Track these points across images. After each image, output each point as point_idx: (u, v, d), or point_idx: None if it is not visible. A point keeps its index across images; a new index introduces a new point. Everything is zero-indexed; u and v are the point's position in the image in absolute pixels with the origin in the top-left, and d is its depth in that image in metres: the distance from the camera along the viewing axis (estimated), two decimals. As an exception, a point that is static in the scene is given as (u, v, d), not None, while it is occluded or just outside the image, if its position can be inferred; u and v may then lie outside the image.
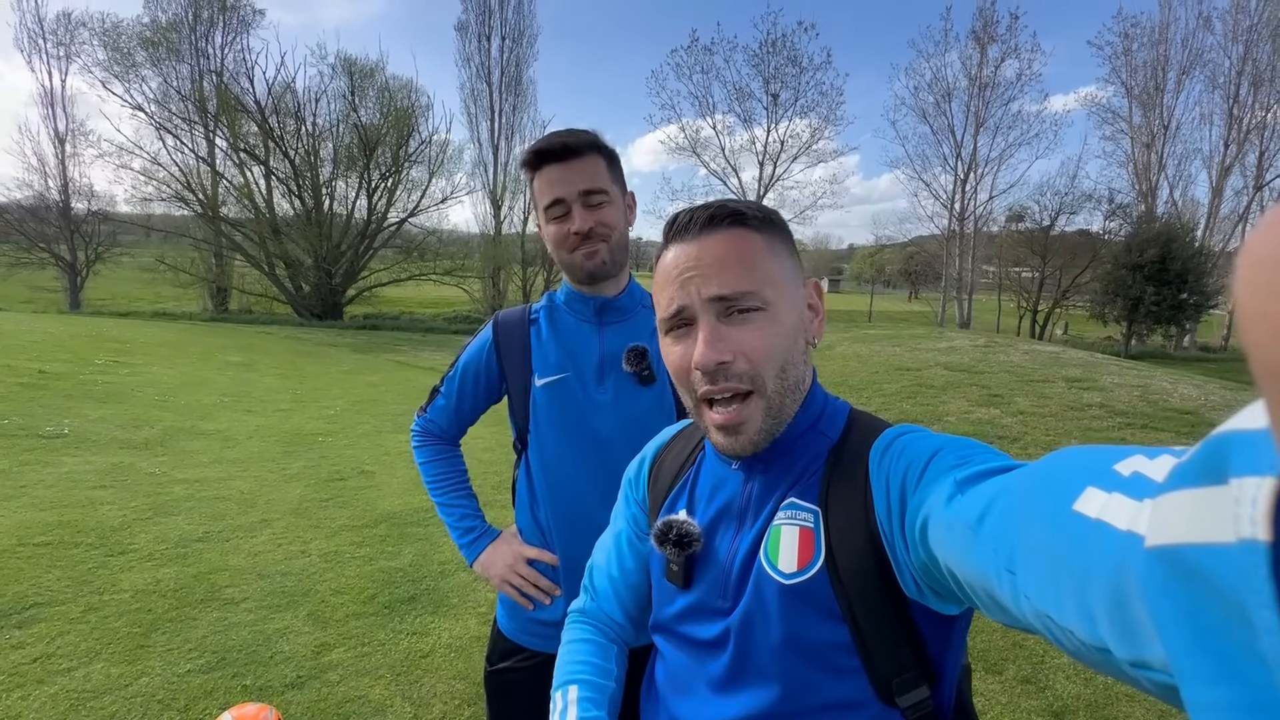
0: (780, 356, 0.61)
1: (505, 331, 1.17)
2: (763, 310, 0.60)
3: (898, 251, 55.45)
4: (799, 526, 0.62)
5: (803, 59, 25.73)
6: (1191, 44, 25.94)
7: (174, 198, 22.15)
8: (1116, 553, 0.28)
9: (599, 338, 1.13)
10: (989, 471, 0.46)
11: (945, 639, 0.60)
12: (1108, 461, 0.33)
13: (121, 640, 2.44)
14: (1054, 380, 7.12)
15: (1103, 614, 0.28)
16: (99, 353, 9.13)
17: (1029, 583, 0.34)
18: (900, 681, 0.59)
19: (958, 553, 0.43)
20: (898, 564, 0.56)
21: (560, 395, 1.11)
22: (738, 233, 0.62)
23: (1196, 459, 0.24)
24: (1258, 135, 25.25)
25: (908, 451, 0.57)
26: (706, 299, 0.60)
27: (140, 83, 21.84)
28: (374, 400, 7.93)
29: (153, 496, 3.96)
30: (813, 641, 0.60)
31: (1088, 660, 0.32)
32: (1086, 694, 2.32)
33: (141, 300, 23.74)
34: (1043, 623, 0.34)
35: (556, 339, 1.14)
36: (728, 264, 0.60)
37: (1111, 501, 0.30)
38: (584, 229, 1.05)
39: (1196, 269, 19.08)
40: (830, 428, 0.66)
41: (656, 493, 0.77)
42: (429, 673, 2.38)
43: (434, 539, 3.59)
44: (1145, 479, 0.29)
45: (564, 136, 1.06)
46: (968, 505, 0.43)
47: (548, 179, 1.06)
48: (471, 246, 26.45)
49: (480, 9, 25.49)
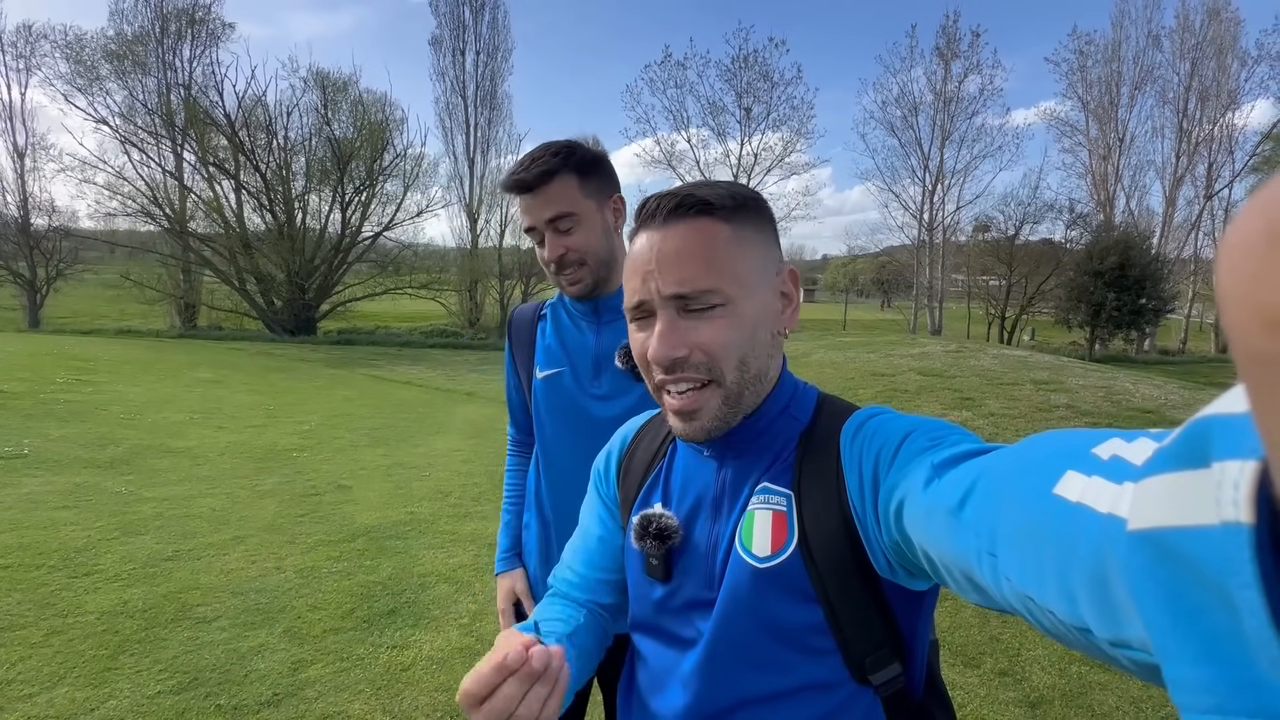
0: (739, 350, 0.61)
1: (517, 326, 1.25)
2: (722, 305, 0.60)
3: (870, 261, 56.49)
4: (772, 510, 0.62)
5: (774, 74, 26.28)
6: (1142, 61, 27.15)
7: (140, 213, 21.59)
8: (1097, 535, 0.28)
9: (596, 335, 1.17)
10: (965, 454, 0.46)
11: (915, 615, 0.62)
12: (1086, 445, 0.33)
13: (87, 663, 2.35)
14: (1023, 383, 7.32)
15: (1084, 595, 0.29)
16: (60, 371, 8.83)
17: (1010, 565, 0.35)
18: (873, 660, 0.60)
19: (936, 536, 0.44)
20: (869, 543, 0.56)
21: (557, 388, 1.16)
22: (702, 224, 0.60)
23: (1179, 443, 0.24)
24: (1206, 147, 26.46)
25: (880, 433, 0.58)
26: (664, 295, 0.60)
27: (105, 96, 21.33)
28: (349, 415, 7.80)
29: (119, 516, 3.83)
30: (788, 624, 0.60)
31: (1067, 640, 0.33)
32: (1061, 684, 2.38)
33: (105, 318, 23.01)
34: (1023, 604, 0.35)
35: (558, 335, 1.20)
36: (685, 260, 0.59)
37: (1091, 485, 0.30)
38: (554, 258, 1.09)
39: (1154, 275, 19.76)
40: (801, 411, 0.67)
41: (628, 487, 0.76)
42: (410, 686, 2.34)
43: (413, 552, 3.54)
44: (1124, 462, 0.30)
45: (530, 167, 1.07)
46: (946, 489, 0.43)
47: (523, 206, 1.10)
48: (448, 260, 26.24)
49: (454, 24, 25.54)
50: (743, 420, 0.65)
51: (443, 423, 7.51)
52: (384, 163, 23.79)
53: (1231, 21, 25.96)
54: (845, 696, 0.61)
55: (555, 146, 1.08)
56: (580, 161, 1.08)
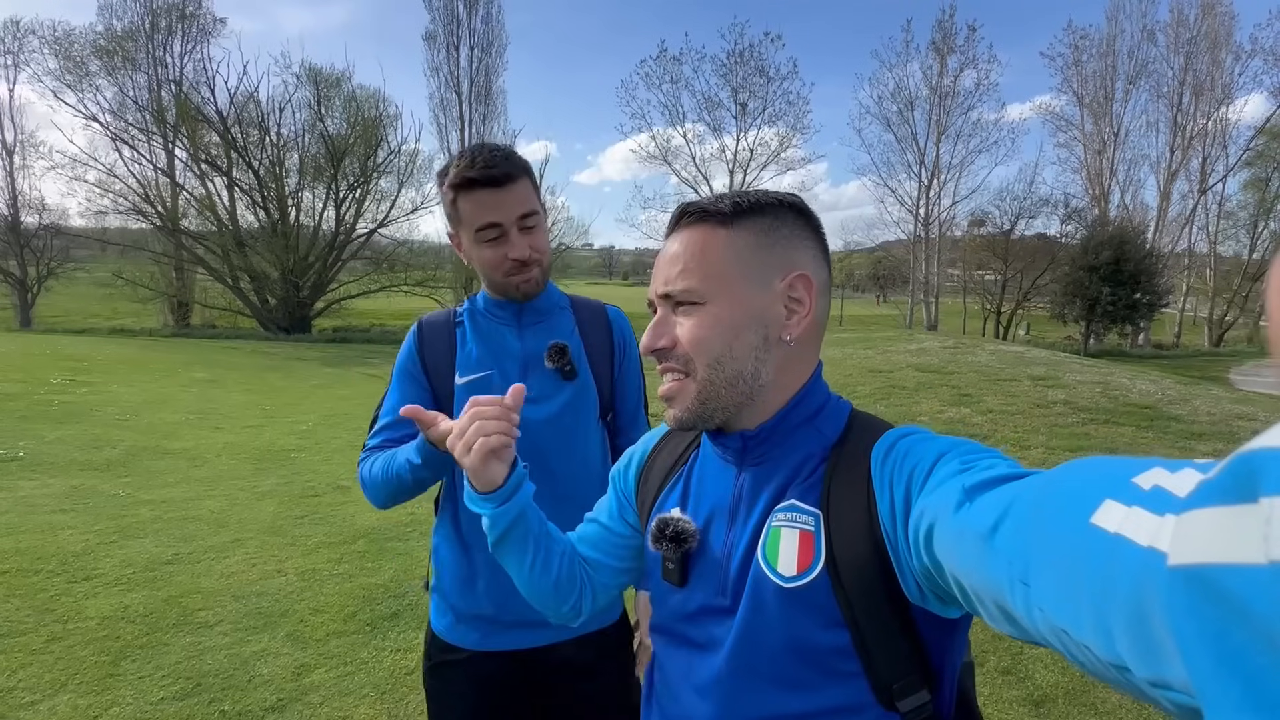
0: (714, 349, 0.63)
1: (431, 332, 1.17)
2: (699, 305, 0.64)
3: (866, 257, 56.55)
4: (799, 530, 0.62)
5: (770, 69, 26.28)
6: (1137, 55, 27.22)
7: (131, 210, 21.46)
8: (1136, 569, 0.27)
9: (520, 339, 1.16)
10: (998, 479, 0.45)
11: (946, 643, 0.61)
12: (1126, 474, 0.32)
13: (89, 670, 2.34)
14: (1020, 379, 7.34)
15: (1121, 631, 0.28)
16: (54, 371, 8.77)
17: (1044, 596, 0.34)
18: (901, 686, 0.59)
19: (967, 561, 0.43)
20: (900, 568, 0.56)
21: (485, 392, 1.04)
22: (697, 231, 0.66)
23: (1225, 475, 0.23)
24: (1200, 142, 26.55)
25: (912, 454, 0.57)
26: (657, 295, 0.68)
27: (95, 92, 21.20)
28: (347, 414, 7.77)
29: (117, 519, 3.81)
30: (813, 645, 0.60)
31: (1105, 677, 0.31)
32: (1065, 682, 2.39)
33: (98, 317, 22.87)
34: (1058, 637, 0.33)
35: (479, 340, 1.16)
36: (673, 262, 0.66)
37: (1131, 515, 0.29)
38: (524, 257, 1.07)
39: (1148, 270, 19.89)
40: (829, 426, 0.66)
41: (646, 491, 0.76)
42: (415, 690, 2.33)
43: (415, 554, 3.53)
44: (1166, 493, 0.28)
45: (498, 163, 1.05)
46: (978, 514, 0.42)
47: (481, 201, 1.05)
48: (443, 257, 26.14)
49: (448, 19, 25.39)
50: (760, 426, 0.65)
51: (441, 421, 7.49)
52: (378, 159, 23.70)
53: (1226, 16, 26.06)
54: None
55: (501, 149, 1.07)
56: (527, 166, 1.10)
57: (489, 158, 1.05)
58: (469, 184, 1.05)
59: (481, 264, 1.10)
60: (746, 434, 0.66)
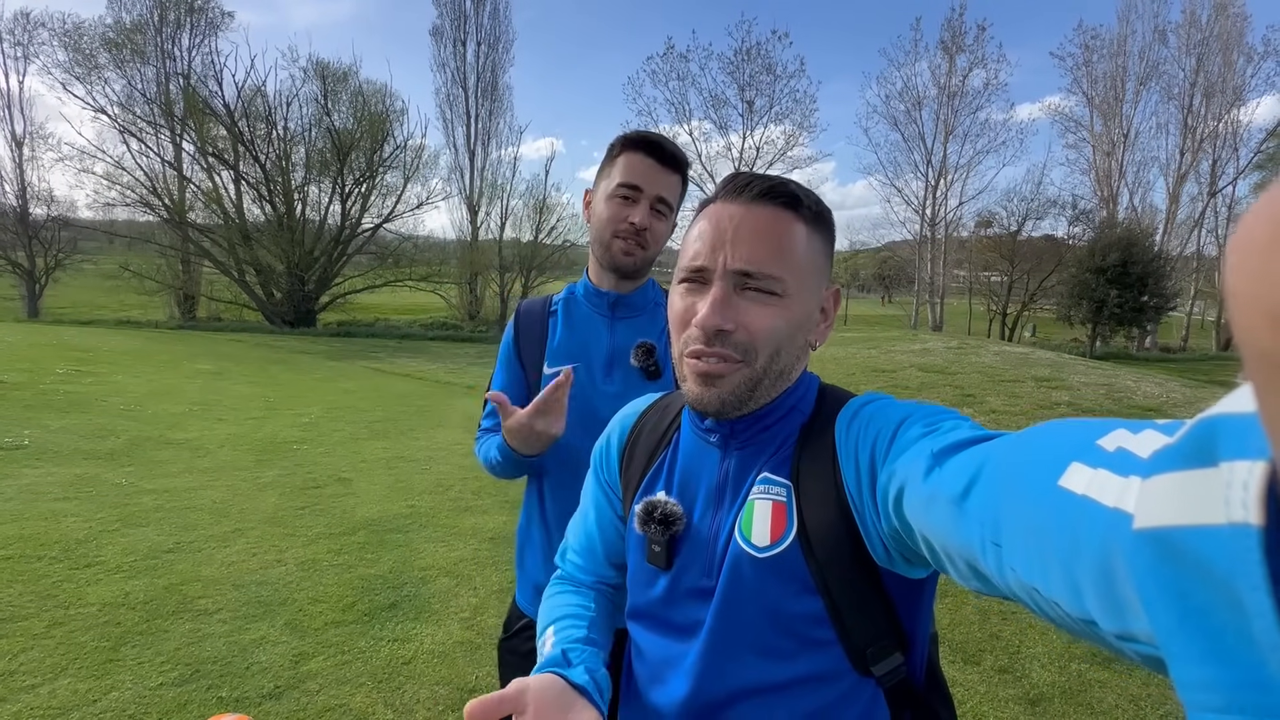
0: (779, 342, 0.62)
1: (526, 320, 1.22)
2: (779, 296, 0.61)
3: (871, 256, 56.35)
4: (771, 500, 0.63)
5: (777, 67, 26.20)
6: (1148, 56, 27.02)
7: (139, 203, 21.56)
8: (1103, 528, 0.28)
9: (610, 332, 1.17)
10: (965, 442, 0.46)
11: (915, 604, 0.62)
12: (1091, 436, 0.33)
13: (89, 655, 2.36)
14: (1024, 380, 7.32)
15: (1089, 588, 0.29)
16: (60, 362, 8.83)
17: (1015, 556, 0.35)
18: (875, 650, 0.60)
19: (939, 524, 0.43)
20: (867, 532, 0.57)
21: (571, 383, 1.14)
22: (785, 215, 0.62)
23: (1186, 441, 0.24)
24: (1210, 144, 26.36)
25: (875, 420, 0.58)
26: (730, 269, 0.61)
27: (103, 85, 21.28)
28: (350, 407, 7.80)
29: (120, 508, 3.83)
30: (788, 614, 0.60)
31: (1073, 630, 0.33)
32: (1061, 681, 2.39)
33: (104, 308, 22.99)
34: (1028, 594, 0.35)
35: (570, 330, 1.19)
36: (762, 241, 0.61)
37: (1097, 477, 0.30)
38: (642, 225, 1.11)
39: (1156, 273, 19.75)
40: (804, 404, 0.67)
41: (631, 474, 0.76)
42: (411, 679, 2.34)
43: (414, 545, 3.54)
44: (1130, 454, 0.30)
45: (671, 147, 1.12)
46: (948, 478, 0.43)
47: (637, 164, 1.10)
48: (448, 252, 26.23)
49: (455, 14, 25.42)
50: (752, 412, 0.65)
51: (443, 416, 7.51)
52: (384, 154, 23.75)
53: (1238, 17, 25.83)
54: (847, 687, 0.61)
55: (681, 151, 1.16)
56: (687, 175, 1.17)
57: (669, 141, 1.13)
58: (639, 144, 1.11)
59: (599, 222, 1.13)
60: (735, 421, 0.66)
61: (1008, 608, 2.95)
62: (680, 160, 1.13)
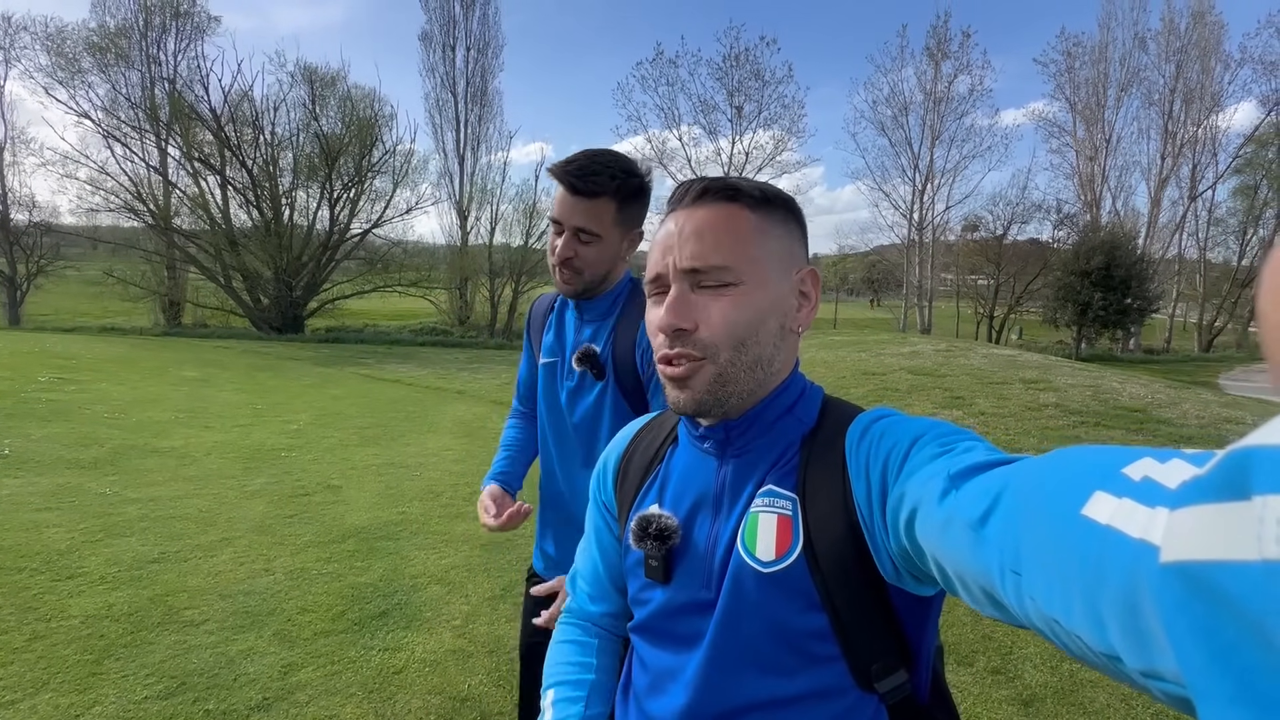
0: (740, 332, 0.61)
1: (535, 313, 1.37)
2: (734, 285, 0.61)
3: (860, 260, 56.78)
4: (777, 514, 0.62)
5: (765, 72, 26.35)
6: (1129, 63, 27.46)
7: (123, 208, 21.25)
8: (1128, 561, 0.27)
9: (578, 331, 1.26)
10: (983, 465, 0.45)
11: (922, 621, 0.61)
12: (1116, 465, 0.32)
13: (71, 669, 2.31)
14: (1012, 382, 7.38)
15: (1113, 622, 0.28)
16: (42, 369, 8.68)
17: (1035, 586, 0.34)
18: (879, 667, 0.59)
19: (954, 549, 0.43)
20: (876, 549, 0.56)
21: (549, 375, 1.28)
22: (728, 208, 0.62)
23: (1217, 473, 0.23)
24: (1190, 149, 26.82)
25: (887, 436, 0.57)
26: (680, 269, 0.62)
27: (87, 89, 20.99)
28: (339, 414, 7.72)
29: (103, 518, 3.77)
30: (791, 630, 0.60)
31: (1096, 666, 0.31)
32: (1054, 682, 2.40)
33: (88, 315, 22.65)
34: (1048, 626, 0.34)
35: (557, 325, 1.30)
36: (705, 237, 0.61)
37: (1122, 507, 0.29)
38: (560, 259, 1.15)
39: (1139, 275, 20.00)
40: (806, 413, 0.66)
41: (625, 492, 0.75)
42: (403, 689, 2.31)
43: (405, 553, 3.51)
44: (1156, 484, 0.29)
45: (585, 175, 1.10)
46: (966, 502, 0.42)
47: (558, 197, 1.15)
48: (438, 258, 26.08)
49: (444, 19, 25.37)
50: (744, 415, 0.64)
51: (433, 421, 7.45)
52: (373, 159, 23.60)
53: (1215, 25, 26.32)
54: (849, 704, 0.60)
55: (614, 166, 1.11)
56: (625, 191, 1.14)
57: (587, 164, 1.10)
58: (558, 176, 1.13)
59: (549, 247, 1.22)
60: (730, 424, 0.65)
61: (999, 609, 2.97)
62: (599, 186, 1.10)
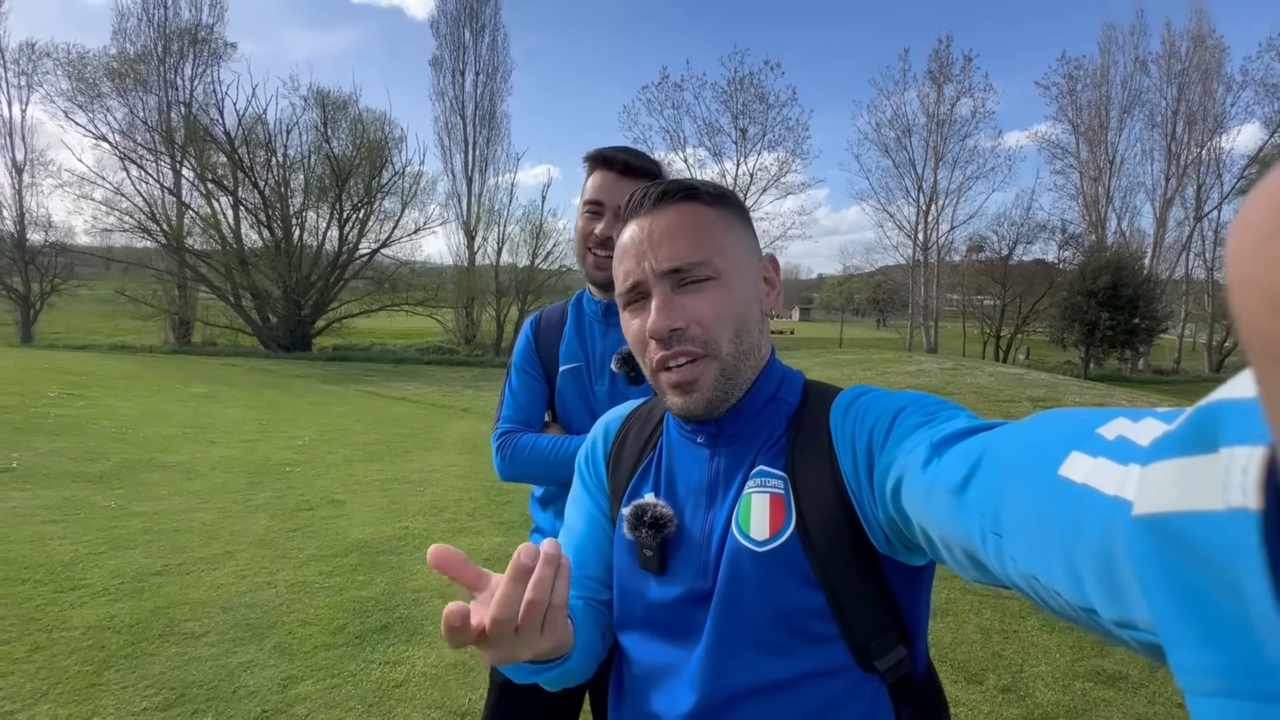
0: (734, 323, 0.62)
1: (546, 322, 1.32)
2: (714, 279, 0.62)
3: (865, 281, 56.91)
4: (769, 493, 0.62)
5: (769, 95, 26.79)
6: (1130, 85, 27.75)
7: (137, 228, 21.63)
8: (1103, 517, 0.28)
9: (604, 337, 1.25)
10: (964, 432, 0.46)
11: (915, 594, 0.62)
12: (1091, 425, 0.33)
13: (71, 679, 2.29)
14: (1019, 400, 7.34)
15: (1089, 576, 0.29)
16: (52, 385, 8.76)
17: (1016, 546, 0.35)
18: (878, 644, 0.60)
19: (938, 515, 0.43)
20: (866, 520, 0.57)
21: (575, 381, 1.26)
22: (689, 207, 0.64)
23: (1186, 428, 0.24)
24: (1195, 170, 26.91)
25: (871, 410, 0.58)
26: (659, 272, 0.62)
27: (105, 113, 21.52)
28: (344, 430, 7.74)
29: (108, 530, 3.77)
30: (790, 609, 0.60)
31: (1073, 619, 0.32)
32: (1066, 701, 2.34)
33: (99, 333, 22.92)
34: (1028, 583, 0.35)
35: (576, 333, 1.29)
36: (679, 236, 0.62)
37: (1097, 466, 0.30)
38: (605, 234, 1.16)
39: (1146, 294, 19.98)
40: (790, 395, 0.67)
41: (618, 479, 0.74)
42: (403, 703, 2.28)
43: (406, 567, 3.49)
44: (1130, 443, 0.29)
45: (630, 157, 1.15)
46: (947, 468, 0.43)
47: (599, 180, 1.16)
48: (445, 277, 26.31)
49: (455, 45, 25.99)
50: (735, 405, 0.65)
51: (438, 438, 7.46)
52: (382, 180, 24.00)
53: (1216, 48, 26.61)
54: (850, 683, 0.60)
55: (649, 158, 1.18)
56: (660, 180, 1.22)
57: (633, 152, 1.16)
58: (599, 162, 1.15)
59: (577, 236, 1.21)
60: (721, 416, 0.65)
61: (1010, 626, 2.91)
62: (640, 169, 1.16)
